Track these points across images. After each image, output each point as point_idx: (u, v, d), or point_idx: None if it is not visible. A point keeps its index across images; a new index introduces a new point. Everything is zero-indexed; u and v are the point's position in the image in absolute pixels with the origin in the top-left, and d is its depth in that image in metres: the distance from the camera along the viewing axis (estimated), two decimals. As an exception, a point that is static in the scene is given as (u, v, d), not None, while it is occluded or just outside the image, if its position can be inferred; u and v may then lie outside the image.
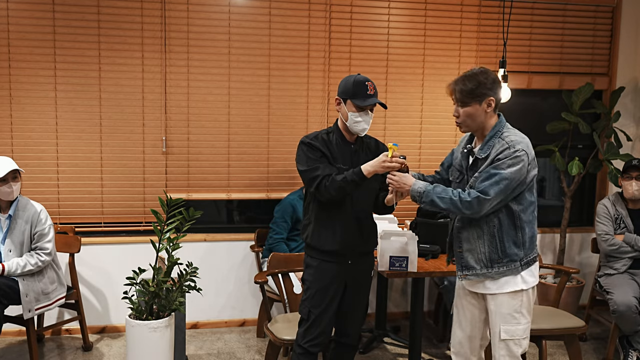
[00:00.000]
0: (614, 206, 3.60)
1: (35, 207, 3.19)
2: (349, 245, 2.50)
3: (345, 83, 2.47)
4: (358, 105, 2.41)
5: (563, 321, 3.02)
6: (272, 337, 2.78)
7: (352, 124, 2.44)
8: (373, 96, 2.43)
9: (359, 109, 2.42)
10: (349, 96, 2.43)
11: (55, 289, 3.24)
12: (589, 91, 4.12)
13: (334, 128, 2.55)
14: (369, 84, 2.43)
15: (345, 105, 2.45)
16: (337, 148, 2.50)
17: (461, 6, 4.16)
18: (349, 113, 2.43)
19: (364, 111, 2.42)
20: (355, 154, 2.53)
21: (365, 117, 2.43)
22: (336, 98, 2.50)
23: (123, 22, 3.74)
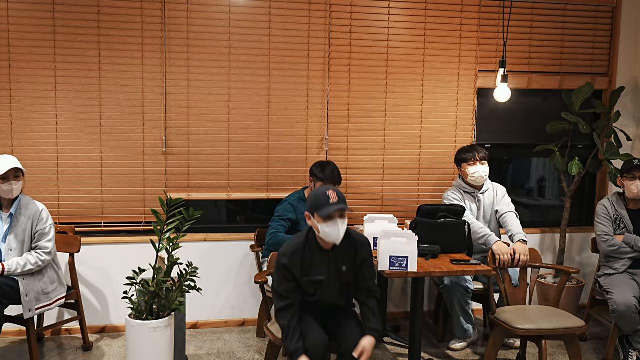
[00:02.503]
0: (613, 206, 3.59)
1: (37, 206, 3.19)
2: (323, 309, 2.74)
3: (309, 198, 2.57)
4: (322, 216, 2.48)
5: (563, 321, 3.02)
6: (272, 337, 2.78)
7: (324, 235, 2.52)
8: (336, 204, 2.48)
9: (326, 219, 2.49)
10: (314, 210, 2.52)
11: (56, 288, 3.24)
12: (589, 91, 4.12)
13: (312, 239, 2.62)
14: (329, 192, 2.50)
15: (314, 219, 2.53)
16: (313, 259, 2.60)
17: (461, 6, 4.16)
18: (319, 225, 2.51)
19: (333, 220, 2.48)
20: (332, 262, 2.63)
21: (334, 226, 2.49)
22: (306, 214, 2.59)
23: (123, 22, 3.75)
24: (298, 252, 2.59)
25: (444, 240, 3.31)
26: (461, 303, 3.56)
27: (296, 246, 2.60)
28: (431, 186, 4.25)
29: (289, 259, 2.57)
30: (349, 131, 4.10)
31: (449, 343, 3.73)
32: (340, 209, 2.49)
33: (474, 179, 3.67)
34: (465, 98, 4.23)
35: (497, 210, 3.74)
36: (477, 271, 3.00)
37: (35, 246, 3.14)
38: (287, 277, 2.57)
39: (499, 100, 3.99)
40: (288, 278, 2.57)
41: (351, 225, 4.08)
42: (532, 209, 4.71)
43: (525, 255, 3.35)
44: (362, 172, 4.15)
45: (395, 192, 4.20)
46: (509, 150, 4.50)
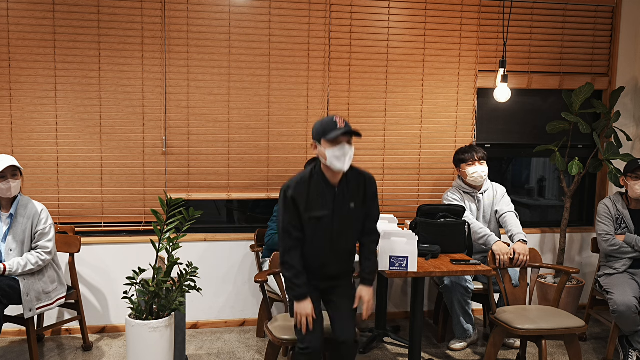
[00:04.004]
0: (615, 206, 3.59)
1: (37, 206, 3.19)
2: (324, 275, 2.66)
3: (315, 126, 2.54)
4: (331, 139, 2.44)
5: (563, 321, 3.02)
6: (272, 337, 2.78)
7: (331, 162, 2.47)
8: (341, 128, 2.46)
9: (333, 144, 2.45)
10: (320, 136, 2.49)
11: (56, 288, 3.24)
12: (589, 91, 4.12)
13: (317, 172, 2.57)
14: (336, 118, 2.48)
15: (320, 146, 2.50)
16: (318, 193, 2.54)
17: (461, 6, 4.16)
18: (326, 152, 2.46)
19: (340, 144, 2.45)
20: (338, 198, 2.57)
21: (342, 152, 2.45)
22: (312, 143, 2.55)
23: (123, 22, 3.75)
24: (303, 184, 2.54)
25: (444, 240, 3.31)
26: (461, 303, 3.56)
27: (301, 179, 2.55)
28: (431, 186, 4.25)
29: (294, 190, 2.52)
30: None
31: (449, 343, 3.73)
32: (347, 133, 2.45)
33: (473, 179, 3.67)
34: (465, 98, 4.23)
35: (497, 210, 3.74)
36: (477, 271, 3.00)
37: (35, 246, 3.14)
38: (293, 211, 2.52)
39: (499, 100, 4.00)
40: (294, 212, 2.52)
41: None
42: (532, 209, 4.71)
43: (525, 255, 3.35)
44: (362, 172, 4.14)
45: (395, 192, 4.20)
46: (509, 150, 4.50)
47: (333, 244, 2.61)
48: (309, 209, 2.53)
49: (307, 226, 2.56)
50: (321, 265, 2.63)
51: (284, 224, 2.53)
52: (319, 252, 2.60)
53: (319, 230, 2.57)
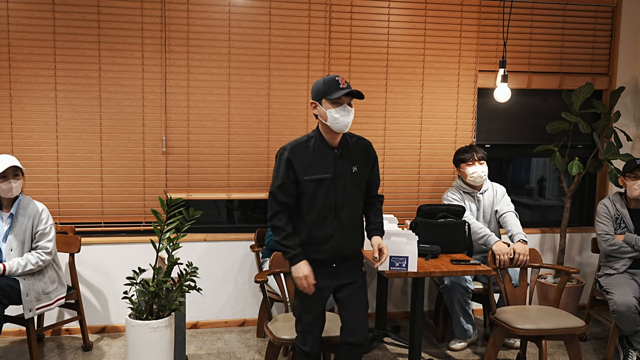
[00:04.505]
0: (614, 206, 3.59)
1: (37, 206, 3.19)
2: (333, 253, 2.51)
3: (316, 85, 2.45)
4: (333, 99, 2.37)
5: (563, 321, 3.02)
6: (272, 337, 2.78)
7: (333, 122, 2.40)
8: (346, 88, 2.38)
9: (335, 104, 2.38)
10: (322, 95, 2.40)
11: (56, 288, 3.24)
12: (589, 91, 4.12)
13: (315, 133, 2.50)
14: (339, 78, 2.40)
15: (321, 106, 2.42)
16: (317, 155, 2.45)
17: (461, 6, 4.16)
18: (327, 112, 2.39)
19: (342, 105, 2.39)
20: (339, 160, 2.48)
21: (344, 112, 2.39)
22: (311, 102, 2.46)
23: (123, 22, 3.74)
24: (301, 147, 2.45)
25: (444, 240, 3.31)
26: (461, 303, 3.56)
27: (298, 141, 2.47)
28: (431, 186, 4.25)
29: (291, 152, 2.43)
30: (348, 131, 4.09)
31: (449, 343, 3.73)
32: (350, 94, 2.39)
33: (472, 179, 3.67)
34: (465, 98, 4.23)
35: (497, 210, 3.74)
36: (477, 271, 3.00)
37: (36, 246, 3.14)
38: (286, 174, 2.42)
39: (499, 100, 4.00)
40: (288, 176, 2.42)
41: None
42: (532, 209, 4.71)
43: (525, 255, 3.35)
44: (362, 172, 4.14)
45: (395, 192, 4.20)
46: (509, 150, 4.50)
47: (337, 211, 2.48)
48: (308, 171, 2.44)
49: (307, 192, 2.45)
50: (327, 238, 2.48)
51: (273, 188, 2.44)
52: (323, 221, 2.47)
53: (320, 196, 2.45)
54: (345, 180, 2.48)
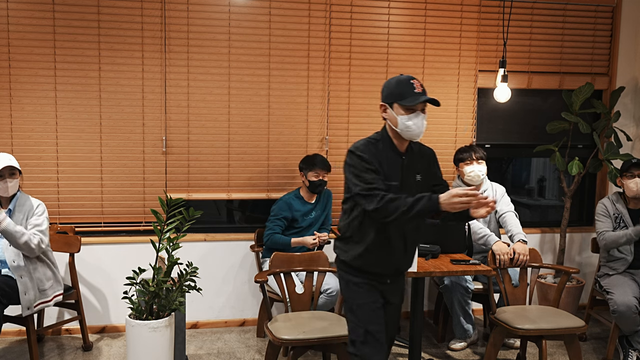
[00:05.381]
0: (614, 205, 3.60)
1: (33, 202, 3.19)
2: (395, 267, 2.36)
3: (388, 86, 2.26)
4: (407, 106, 2.19)
5: (563, 321, 3.02)
6: (272, 337, 2.78)
7: (404, 129, 2.21)
8: (422, 94, 2.20)
9: (408, 111, 2.19)
10: (394, 99, 2.21)
11: (52, 285, 3.24)
12: (589, 91, 4.12)
13: (382, 136, 2.30)
14: (414, 81, 2.21)
15: (392, 110, 2.23)
16: (385, 160, 2.25)
17: (461, 6, 4.16)
18: (399, 117, 2.20)
19: (415, 112, 2.20)
20: (406, 169, 2.29)
21: (417, 119, 2.20)
22: (381, 105, 2.27)
23: (123, 22, 3.74)
24: (372, 147, 2.25)
25: (444, 240, 3.31)
26: (461, 303, 3.56)
27: (369, 141, 2.27)
28: (431, 186, 4.24)
29: (365, 152, 2.22)
30: (349, 131, 4.10)
31: (449, 343, 3.73)
32: (426, 101, 2.19)
33: (470, 178, 3.68)
34: (465, 98, 4.23)
35: (497, 210, 3.74)
36: (477, 271, 3.00)
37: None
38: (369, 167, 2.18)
39: (499, 100, 4.00)
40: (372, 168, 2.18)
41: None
42: (532, 209, 4.71)
43: (525, 255, 3.35)
44: (362, 172, 4.14)
45: (395, 192, 4.20)
46: (509, 150, 4.50)
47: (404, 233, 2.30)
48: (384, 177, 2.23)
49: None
50: (389, 251, 2.29)
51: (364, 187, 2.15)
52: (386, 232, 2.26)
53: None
54: (409, 190, 2.26)
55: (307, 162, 3.69)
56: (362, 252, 2.28)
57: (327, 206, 3.85)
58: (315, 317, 2.98)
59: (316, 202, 3.78)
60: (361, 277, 2.33)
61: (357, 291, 2.33)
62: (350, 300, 2.34)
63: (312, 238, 3.59)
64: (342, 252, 2.37)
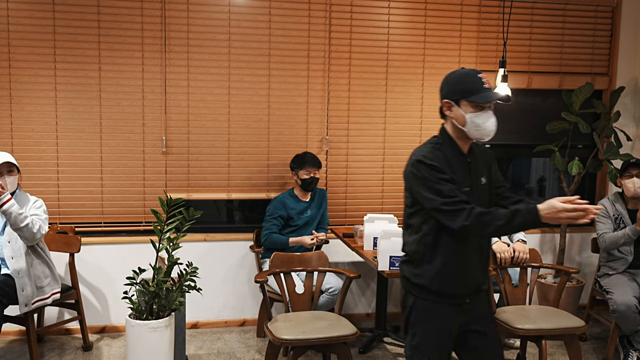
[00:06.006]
0: (613, 206, 3.60)
1: (31, 199, 3.20)
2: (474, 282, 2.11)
3: (452, 81, 2.05)
4: (478, 103, 1.98)
5: (563, 321, 3.01)
6: (272, 337, 2.78)
7: (472, 128, 2.00)
8: (490, 89, 2.01)
9: (478, 108, 1.99)
10: (462, 95, 2.00)
11: (49, 283, 3.24)
12: (589, 91, 4.12)
13: (444, 138, 2.08)
14: (482, 75, 2.02)
15: (459, 108, 2.01)
16: (452, 164, 2.02)
17: (461, 6, 4.16)
18: (467, 115, 1.99)
19: (485, 109, 2.00)
20: (472, 172, 2.07)
21: (487, 116, 2.01)
22: (445, 101, 2.05)
23: (123, 22, 3.74)
24: (437, 152, 2.02)
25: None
26: (461, 303, 3.55)
27: (432, 145, 2.06)
28: (431, 186, 4.24)
29: (433, 160, 1.98)
30: (349, 131, 4.10)
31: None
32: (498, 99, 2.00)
33: None
34: (465, 98, 4.23)
35: None
36: (477, 271, 2.99)
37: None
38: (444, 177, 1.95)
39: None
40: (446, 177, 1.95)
41: (350, 225, 4.09)
42: (532, 209, 4.70)
43: (525, 254, 3.35)
44: (362, 172, 4.14)
45: (395, 192, 4.20)
46: (509, 150, 4.50)
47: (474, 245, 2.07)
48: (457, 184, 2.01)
49: None
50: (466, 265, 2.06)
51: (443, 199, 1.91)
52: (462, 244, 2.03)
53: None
54: (478, 196, 2.06)
55: (298, 160, 3.71)
56: (439, 270, 2.04)
57: (323, 205, 3.86)
58: (315, 317, 2.98)
59: (311, 201, 3.79)
60: (439, 301, 2.07)
61: (429, 318, 2.09)
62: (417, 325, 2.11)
63: (310, 238, 3.60)
64: (415, 275, 2.10)
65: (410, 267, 2.13)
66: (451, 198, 1.91)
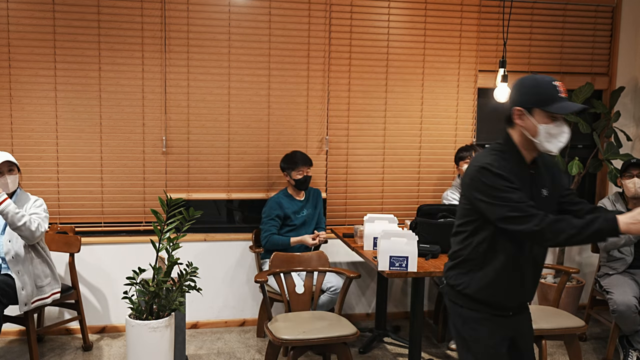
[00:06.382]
0: (614, 206, 3.60)
1: (31, 198, 3.20)
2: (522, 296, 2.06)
3: (526, 87, 1.91)
4: (554, 114, 1.85)
5: (563, 321, 3.01)
6: (272, 337, 2.78)
7: (544, 140, 1.88)
8: (567, 99, 1.88)
9: (553, 119, 1.86)
10: (536, 103, 1.86)
11: (49, 283, 3.24)
12: (589, 91, 4.12)
13: (508, 147, 1.96)
14: (557, 83, 1.87)
15: (531, 117, 1.88)
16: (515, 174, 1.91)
17: (461, 6, 4.16)
18: (540, 126, 1.87)
19: (560, 120, 1.88)
20: (534, 183, 1.97)
21: (561, 129, 1.87)
22: (516, 109, 1.91)
23: (123, 22, 3.74)
24: (502, 161, 1.91)
25: (444, 240, 3.30)
26: (461, 303, 3.55)
27: (497, 154, 1.93)
28: (431, 186, 4.25)
29: (500, 169, 1.87)
30: (349, 131, 4.10)
31: (449, 343, 3.73)
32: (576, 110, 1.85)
33: None
34: (465, 98, 4.23)
35: None
36: (477, 271, 2.99)
37: None
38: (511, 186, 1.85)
39: (499, 100, 3.99)
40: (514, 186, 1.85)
41: (350, 225, 4.09)
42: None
43: None
44: (362, 172, 4.14)
45: (395, 192, 4.20)
46: (509, 150, 4.49)
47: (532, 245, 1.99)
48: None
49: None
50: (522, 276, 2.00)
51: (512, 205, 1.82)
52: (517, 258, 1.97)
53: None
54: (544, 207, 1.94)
55: (288, 161, 3.72)
56: (491, 280, 1.98)
57: (318, 205, 3.86)
58: (315, 317, 2.98)
59: (306, 200, 3.79)
60: (482, 311, 2.02)
61: (478, 329, 2.02)
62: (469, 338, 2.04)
63: (311, 237, 3.60)
64: (460, 283, 2.05)
65: (456, 274, 2.08)
66: (521, 202, 1.83)
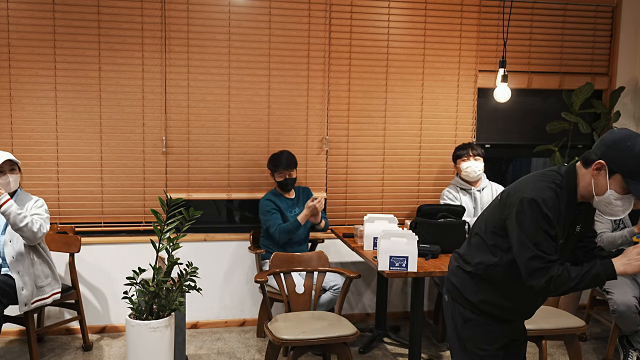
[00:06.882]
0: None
1: (33, 198, 3.20)
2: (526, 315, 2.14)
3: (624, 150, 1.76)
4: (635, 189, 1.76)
5: (563, 321, 3.02)
6: (272, 337, 2.78)
7: (604, 203, 1.84)
8: None
9: (627, 191, 1.79)
10: (623, 171, 1.76)
11: (50, 283, 3.24)
12: (589, 91, 4.12)
13: (568, 185, 1.87)
14: None
15: (608, 177, 1.79)
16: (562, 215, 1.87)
17: (461, 6, 4.16)
18: (610, 191, 1.80)
19: (629, 197, 1.81)
20: (574, 221, 1.94)
21: (629, 205, 1.83)
22: (598, 162, 1.80)
23: (123, 22, 3.74)
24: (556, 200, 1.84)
25: (444, 240, 3.31)
26: (461, 303, 3.55)
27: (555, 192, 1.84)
28: (431, 186, 4.25)
29: (550, 210, 1.81)
30: (349, 131, 4.10)
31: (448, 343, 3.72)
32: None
33: (466, 174, 3.72)
34: (465, 98, 4.23)
35: None
36: (477, 271, 2.99)
37: None
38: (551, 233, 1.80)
39: (499, 100, 3.99)
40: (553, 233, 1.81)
41: (350, 225, 4.09)
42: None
43: None
44: (362, 172, 4.14)
45: (395, 192, 4.20)
46: (509, 150, 4.50)
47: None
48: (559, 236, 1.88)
49: None
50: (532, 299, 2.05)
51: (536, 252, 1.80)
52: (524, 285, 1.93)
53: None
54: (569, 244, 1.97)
55: (273, 162, 3.72)
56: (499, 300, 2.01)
57: None
58: (315, 317, 2.98)
59: (296, 199, 3.80)
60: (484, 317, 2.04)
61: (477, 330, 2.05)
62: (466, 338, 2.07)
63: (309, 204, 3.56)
64: (467, 290, 2.04)
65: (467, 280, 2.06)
66: (545, 256, 1.80)
